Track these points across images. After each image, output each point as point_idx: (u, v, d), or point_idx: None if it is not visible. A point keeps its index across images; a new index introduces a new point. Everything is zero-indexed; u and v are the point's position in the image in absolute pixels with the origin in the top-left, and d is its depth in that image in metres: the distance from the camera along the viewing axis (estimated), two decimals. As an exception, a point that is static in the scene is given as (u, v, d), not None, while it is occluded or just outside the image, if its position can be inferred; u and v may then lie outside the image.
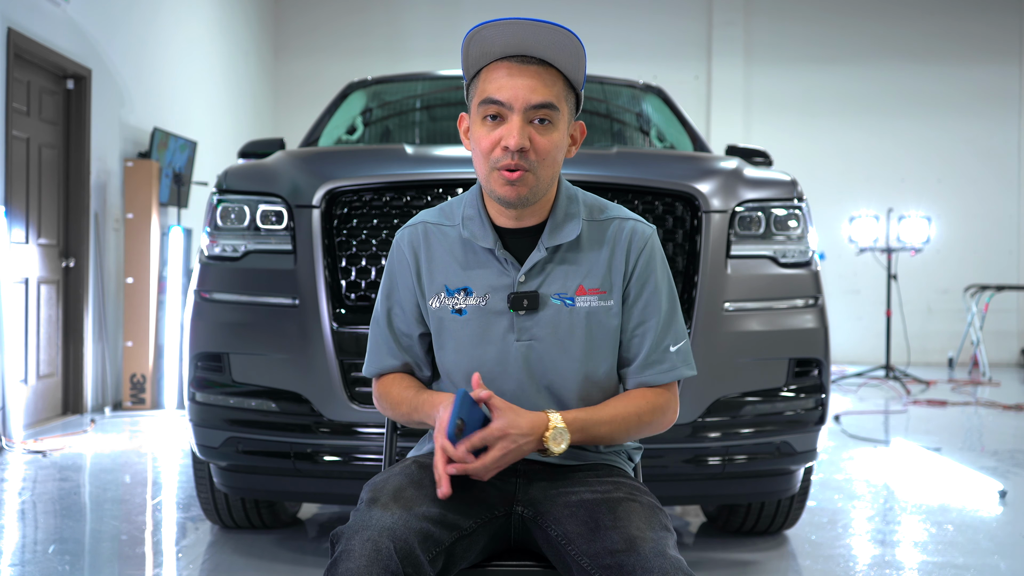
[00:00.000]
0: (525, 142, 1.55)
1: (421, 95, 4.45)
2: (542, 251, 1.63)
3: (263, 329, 2.85)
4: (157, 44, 7.35)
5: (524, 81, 1.56)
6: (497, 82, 1.57)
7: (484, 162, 1.60)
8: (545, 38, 1.54)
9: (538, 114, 1.57)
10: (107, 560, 3.14)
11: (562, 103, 1.59)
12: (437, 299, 1.67)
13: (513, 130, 1.55)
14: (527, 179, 1.57)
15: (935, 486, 4.31)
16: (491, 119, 1.58)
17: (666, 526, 1.51)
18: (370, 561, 1.35)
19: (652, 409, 1.64)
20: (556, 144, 1.59)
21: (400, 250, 1.71)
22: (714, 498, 3.10)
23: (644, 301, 1.66)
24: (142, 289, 6.44)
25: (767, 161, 3.79)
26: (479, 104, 1.60)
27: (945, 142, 10.60)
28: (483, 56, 1.59)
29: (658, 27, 10.56)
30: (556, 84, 1.58)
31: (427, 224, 1.71)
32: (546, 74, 1.57)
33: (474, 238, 1.64)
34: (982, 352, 8.86)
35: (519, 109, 1.56)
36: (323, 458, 2.80)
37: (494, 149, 1.58)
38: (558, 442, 1.53)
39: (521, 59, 1.57)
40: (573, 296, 1.63)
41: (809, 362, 2.93)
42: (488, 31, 1.54)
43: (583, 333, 1.63)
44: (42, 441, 5.02)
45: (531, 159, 1.56)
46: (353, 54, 10.39)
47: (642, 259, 1.66)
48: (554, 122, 1.58)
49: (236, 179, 3.01)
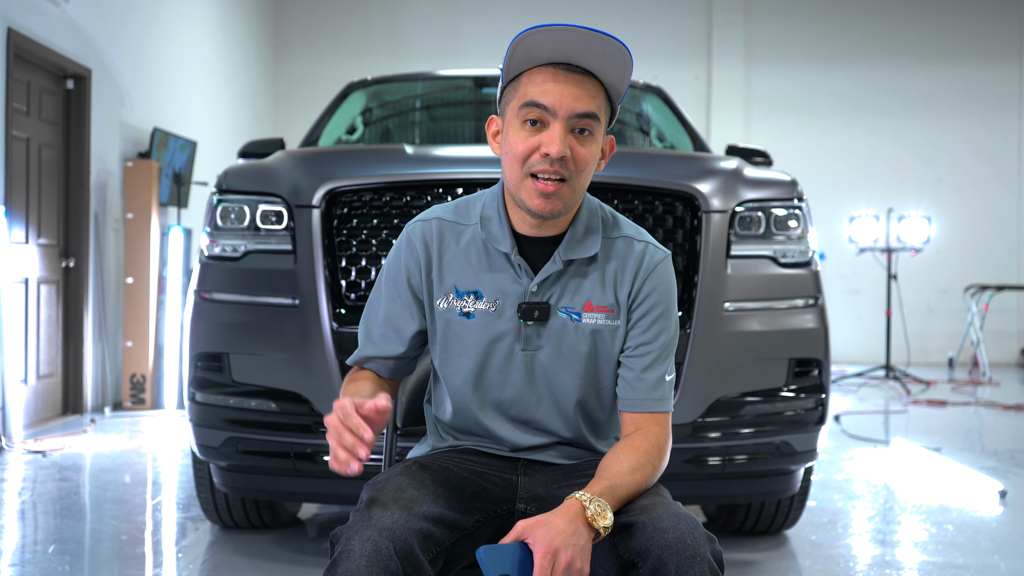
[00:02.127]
0: (567, 150, 1.50)
1: (421, 95, 4.45)
2: (558, 263, 1.59)
3: (263, 329, 2.85)
4: (157, 44, 7.35)
5: (570, 88, 1.51)
6: (542, 86, 1.52)
7: (518, 167, 1.54)
8: (596, 48, 1.49)
9: (580, 123, 1.52)
10: (107, 560, 3.14)
11: (602, 115, 1.55)
12: (445, 300, 1.63)
13: (555, 137, 1.50)
14: (562, 192, 1.52)
15: (935, 486, 4.31)
16: (531, 124, 1.53)
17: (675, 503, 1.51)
18: (370, 561, 1.35)
19: (658, 446, 1.59)
20: (594, 156, 1.55)
21: (411, 243, 1.65)
22: (714, 498, 3.10)
23: (648, 324, 1.62)
24: (142, 289, 6.44)
25: (767, 161, 3.79)
26: (520, 106, 1.54)
27: (945, 142, 10.60)
28: (527, 60, 1.53)
29: (658, 27, 10.56)
30: (599, 95, 1.54)
31: (442, 221, 1.65)
32: (590, 84, 1.53)
33: (492, 241, 1.60)
34: (982, 352, 8.86)
35: (563, 116, 1.51)
36: (323, 458, 2.79)
37: (531, 155, 1.52)
38: (603, 515, 1.42)
39: (567, 67, 1.52)
40: (580, 312, 1.61)
41: (809, 362, 2.93)
42: (539, 35, 1.48)
43: (587, 350, 1.61)
44: (42, 441, 5.02)
45: (570, 168, 1.52)
46: (353, 54, 10.39)
47: (649, 283, 1.61)
48: (594, 133, 1.54)
49: (236, 179, 3.01)
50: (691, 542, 1.39)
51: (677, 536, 1.39)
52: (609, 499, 1.45)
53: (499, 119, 1.62)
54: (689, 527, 1.41)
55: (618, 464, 1.52)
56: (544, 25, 1.47)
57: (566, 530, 1.38)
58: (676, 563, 1.37)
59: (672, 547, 1.38)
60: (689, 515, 1.44)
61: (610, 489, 1.47)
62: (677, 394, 2.77)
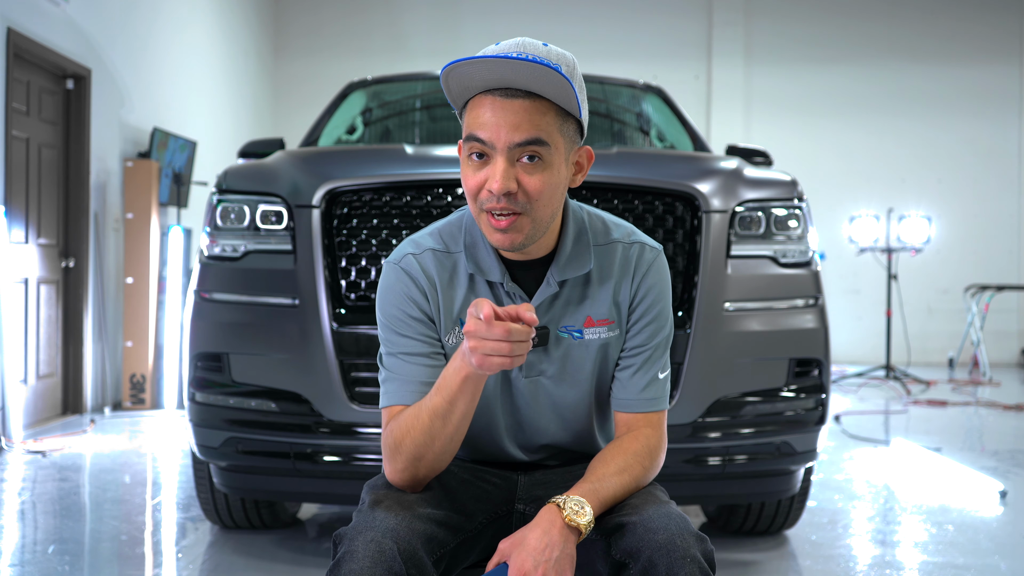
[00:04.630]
0: (510, 185, 1.41)
1: (421, 95, 4.44)
2: (552, 285, 1.53)
3: (263, 329, 2.85)
4: (157, 44, 7.35)
5: (507, 117, 1.41)
6: (480, 118, 1.43)
7: (472, 203, 1.47)
8: (525, 73, 1.39)
9: (526, 151, 1.42)
10: (107, 560, 3.14)
11: (555, 136, 1.44)
12: (453, 335, 1.56)
13: (496, 173, 1.41)
14: (520, 224, 1.44)
15: (935, 486, 4.31)
16: (477, 157, 1.44)
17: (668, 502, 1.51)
18: (374, 562, 1.34)
19: (648, 448, 1.56)
20: (549, 183, 1.44)
21: (412, 277, 1.55)
22: (714, 498, 3.10)
23: (645, 324, 1.59)
24: (142, 289, 6.44)
25: (767, 161, 3.79)
26: (464, 140, 1.47)
27: (945, 142, 10.60)
28: (465, 90, 1.45)
29: (658, 27, 10.56)
30: (546, 115, 1.42)
31: (434, 251, 1.57)
32: (534, 107, 1.42)
33: (480, 272, 1.54)
34: (982, 352, 8.86)
35: (502, 149, 1.41)
36: (323, 458, 2.79)
37: (480, 190, 1.45)
38: (581, 513, 1.41)
39: (505, 92, 1.42)
40: (581, 328, 1.57)
41: (809, 362, 2.93)
42: (463, 68, 1.39)
43: (592, 366, 1.59)
44: (42, 441, 5.02)
45: (521, 201, 1.43)
46: (353, 54, 10.39)
47: (645, 283, 1.58)
48: (545, 158, 1.43)
49: (236, 179, 3.01)
50: (681, 543, 1.38)
51: (667, 537, 1.39)
52: (591, 499, 1.44)
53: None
54: (679, 527, 1.40)
55: (604, 467, 1.50)
56: (464, 59, 1.38)
57: (537, 547, 1.38)
58: (666, 564, 1.36)
59: (662, 548, 1.38)
60: (680, 515, 1.44)
61: (593, 491, 1.45)
62: (677, 394, 2.77)
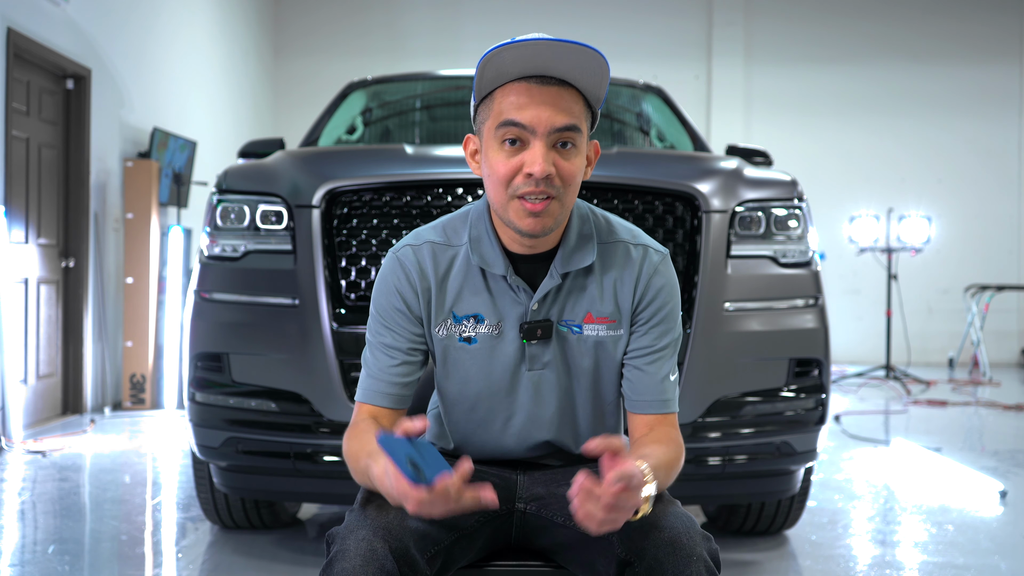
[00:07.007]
0: (551, 168, 1.45)
1: (421, 95, 4.44)
2: (555, 278, 1.54)
3: (263, 329, 2.85)
4: (157, 44, 7.35)
5: (546, 103, 1.44)
6: (517, 103, 1.45)
7: (502, 190, 1.48)
8: (569, 58, 1.42)
9: (562, 137, 1.46)
10: (107, 560, 3.14)
11: (583, 124, 1.49)
12: (444, 327, 1.57)
13: (538, 156, 1.44)
14: (551, 208, 1.47)
15: (935, 486, 4.31)
16: (510, 143, 1.46)
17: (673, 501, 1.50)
18: (365, 561, 1.34)
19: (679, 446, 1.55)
20: (580, 168, 1.49)
21: (404, 268, 1.57)
22: (714, 498, 3.10)
23: (654, 326, 1.58)
24: (142, 289, 6.44)
25: (767, 161, 3.79)
26: (496, 126, 1.47)
27: (945, 142, 10.60)
28: (499, 76, 1.46)
29: (658, 27, 10.55)
30: (577, 104, 1.47)
31: (433, 244, 1.58)
32: (567, 94, 1.46)
33: (484, 264, 1.54)
34: (982, 352, 8.86)
35: (543, 133, 1.45)
36: (323, 458, 2.80)
37: (514, 176, 1.46)
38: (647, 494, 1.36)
39: (541, 79, 1.45)
40: (580, 324, 1.57)
41: (809, 362, 2.93)
42: (507, 52, 1.41)
43: (591, 362, 1.58)
44: (42, 441, 5.02)
45: (556, 185, 1.46)
46: (353, 54, 10.39)
47: (652, 287, 1.57)
48: (577, 145, 1.48)
49: (236, 179, 3.01)
50: (687, 541, 1.38)
51: (673, 535, 1.38)
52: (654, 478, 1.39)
53: (476, 138, 1.56)
54: (685, 526, 1.40)
55: (655, 457, 1.44)
56: (512, 41, 1.41)
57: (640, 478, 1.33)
58: (672, 562, 1.36)
59: (668, 546, 1.37)
60: (686, 514, 1.44)
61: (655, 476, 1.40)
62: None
